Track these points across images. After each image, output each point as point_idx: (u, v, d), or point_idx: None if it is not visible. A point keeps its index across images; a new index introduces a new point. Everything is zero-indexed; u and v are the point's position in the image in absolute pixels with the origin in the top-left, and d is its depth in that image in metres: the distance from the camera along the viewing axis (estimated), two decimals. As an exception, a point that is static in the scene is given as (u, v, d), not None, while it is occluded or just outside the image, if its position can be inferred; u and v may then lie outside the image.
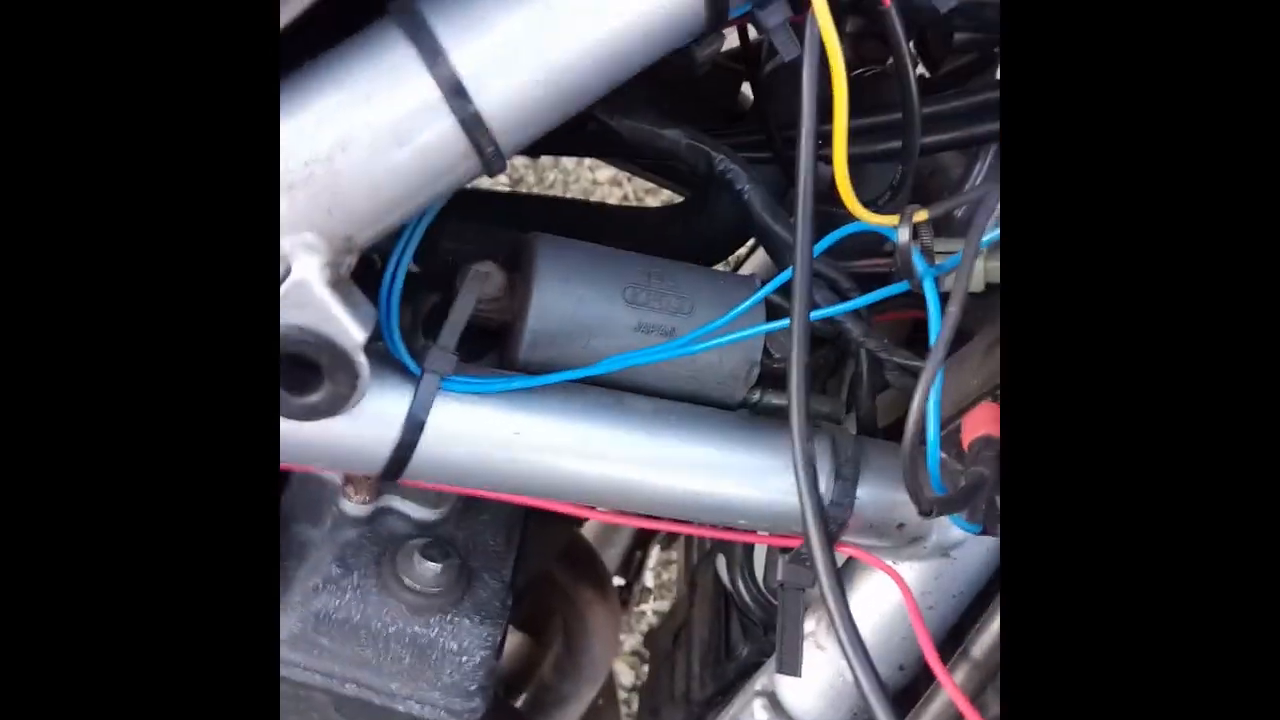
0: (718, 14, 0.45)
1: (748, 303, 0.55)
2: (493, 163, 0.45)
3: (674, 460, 0.54)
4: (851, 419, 0.61)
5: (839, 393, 0.63)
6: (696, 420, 0.55)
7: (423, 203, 0.47)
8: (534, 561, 0.74)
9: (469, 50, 0.44)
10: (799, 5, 0.46)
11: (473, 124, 0.43)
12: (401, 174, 0.44)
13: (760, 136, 0.69)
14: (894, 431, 0.56)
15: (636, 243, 0.62)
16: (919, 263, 0.46)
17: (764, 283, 0.57)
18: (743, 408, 0.58)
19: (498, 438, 0.51)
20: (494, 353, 0.56)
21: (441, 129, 0.44)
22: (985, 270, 0.59)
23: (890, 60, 0.73)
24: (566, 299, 0.54)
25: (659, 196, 1.66)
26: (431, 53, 0.43)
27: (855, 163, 0.67)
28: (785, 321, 0.56)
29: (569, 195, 1.93)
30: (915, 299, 0.66)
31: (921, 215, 0.46)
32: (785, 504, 0.56)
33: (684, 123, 0.59)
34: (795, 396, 0.46)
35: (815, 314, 0.53)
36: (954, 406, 0.49)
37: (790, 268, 0.57)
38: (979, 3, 0.61)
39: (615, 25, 0.44)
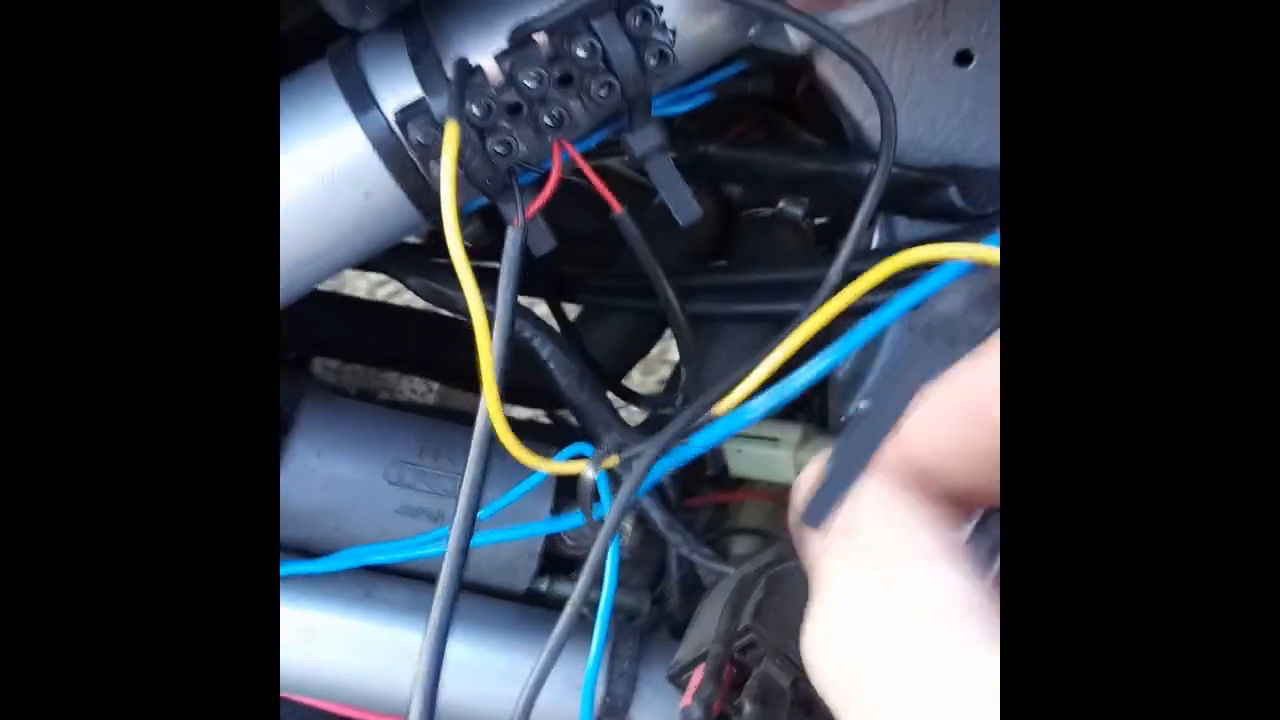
0: (430, 211, 0.40)
1: (526, 484, 0.50)
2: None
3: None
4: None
5: (646, 579, 0.57)
6: (460, 617, 0.50)
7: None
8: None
9: None
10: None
11: None
12: None
13: (622, 281, 0.64)
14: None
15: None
16: (603, 502, 0.40)
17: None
18: (529, 597, 0.53)
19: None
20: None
21: None
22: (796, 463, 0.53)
23: (781, 203, 0.67)
24: (317, 477, 0.49)
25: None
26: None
27: (714, 320, 0.63)
28: (570, 520, 0.51)
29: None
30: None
31: (611, 461, 0.40)
32: (556, 712, 0.51)
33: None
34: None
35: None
36: (693, 651, 0.43)
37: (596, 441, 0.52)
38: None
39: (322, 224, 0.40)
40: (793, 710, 0.41)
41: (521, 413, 0.82)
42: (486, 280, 0.53)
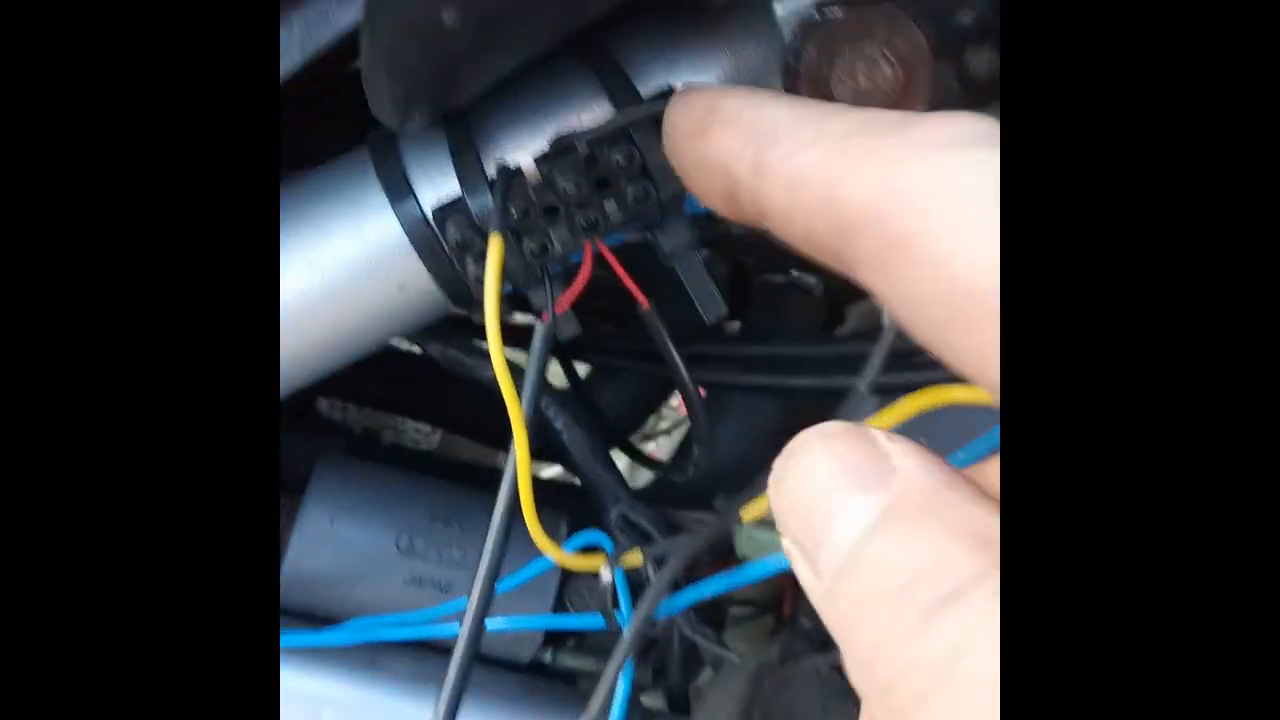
0: (462, 301, 0.41)
1: (538, 565, 0.50)
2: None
3: (426, 731, 0.50)
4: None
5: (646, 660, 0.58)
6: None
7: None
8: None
9: None
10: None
11: None
12: None
13: (635, 344, 0.65)
14: None
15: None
16: (622, 608, 0.41)
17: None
18: (533, 667, 0.54)
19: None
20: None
21: None
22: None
23: (794, 272, 0.68)
24: (328, 543, 0.50)
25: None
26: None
27: (725, 389, 0.63)
28: (585, 620, 0.51)
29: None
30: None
31: (634, 559, 0.41)
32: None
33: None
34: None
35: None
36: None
37: (608, 523, 0.53)
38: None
39: (353, 310, 0.41)
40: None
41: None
42: (507, 337, 0.54)
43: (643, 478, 0.70)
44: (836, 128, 0.22)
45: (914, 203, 0.19)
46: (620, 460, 0.62)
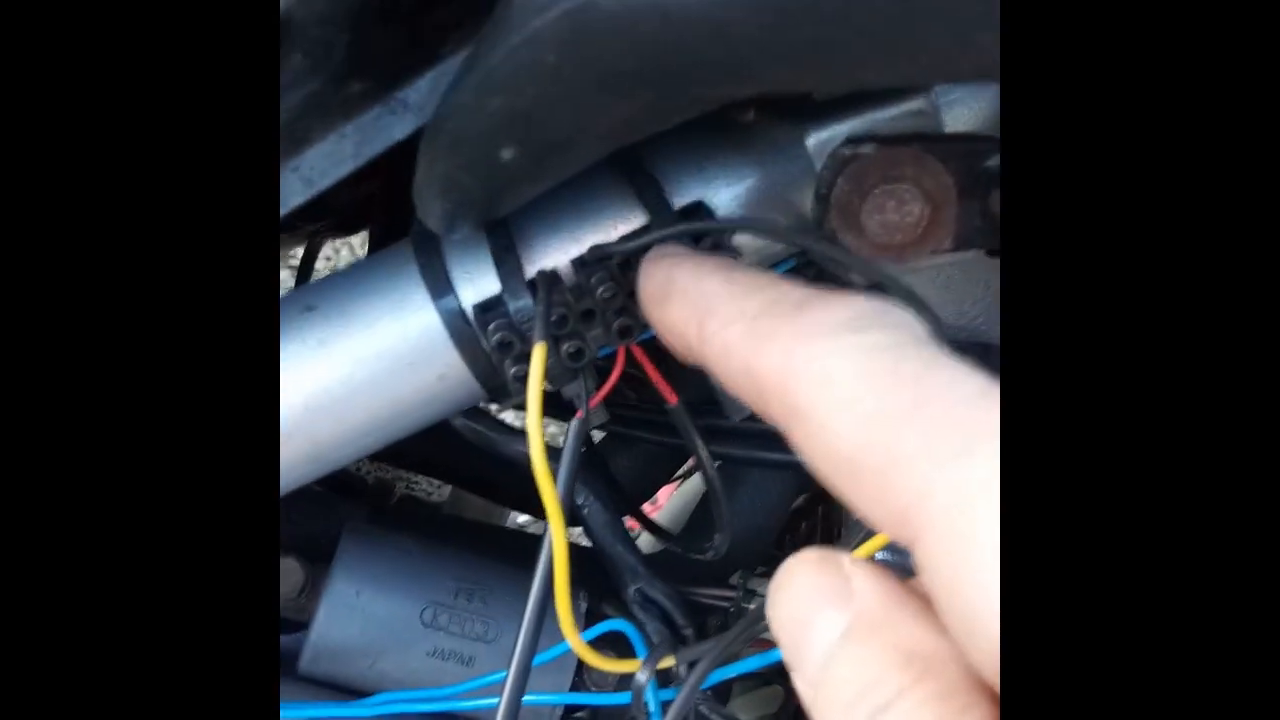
0: (497, 393, 0.43)
1: (563, 646, 0.52)
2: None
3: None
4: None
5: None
6: (480, 760, 0.52)
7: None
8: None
9: None
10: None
11: None
12: None
13: (651, 414, 0.66)
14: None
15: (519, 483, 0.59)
16: (651, 709, 0.42)
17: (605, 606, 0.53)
18: (550, 738, 0.55)
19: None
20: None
21: None
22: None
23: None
24: (355, 615, 0.51)
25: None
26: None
27: (739, 463, 0.65)
28: (607, 698, 0.53)
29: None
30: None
31: (668, 662, 0.42)
32: None
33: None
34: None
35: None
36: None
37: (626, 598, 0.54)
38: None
39: (392, 399, 0.42)
40: None
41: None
42: (511, 430, 0.55)
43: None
44: (752, 307, 0.26)
45: (801, 383, 0.23)
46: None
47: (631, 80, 0.28)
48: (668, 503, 0.99)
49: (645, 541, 0.69)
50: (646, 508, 0.72)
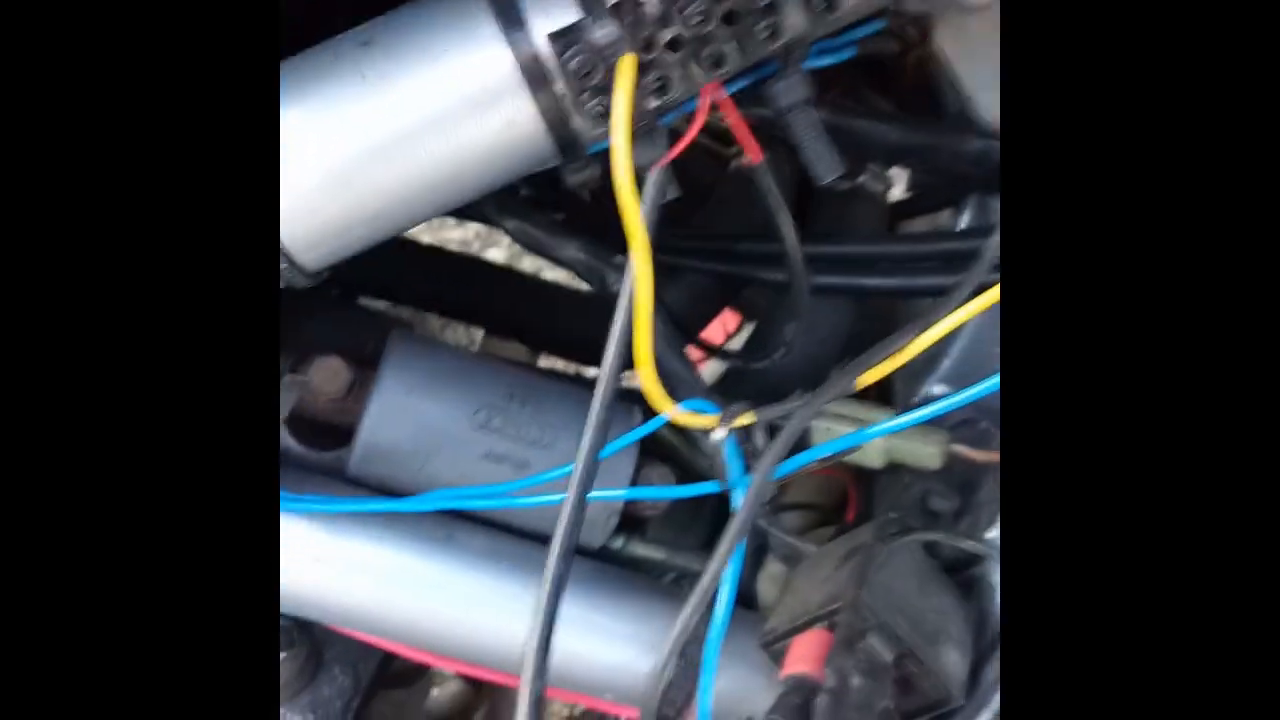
0: (566, 146, 0.39)
1: (619, 442, 0.49)
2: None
3: (499, 607, 0.49)
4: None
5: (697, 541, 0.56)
6: (533, 567, 0.50)
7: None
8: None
9: None
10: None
11: None
12: None
13: (699, 242, 0.63)
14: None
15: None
16: (732, 467, 0.40)
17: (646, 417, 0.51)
18: (603, 554, 0.53)
19: (294, 559, 0.47)
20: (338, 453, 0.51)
21: None
22: (886, 449, 0.52)
23: (862, 177, 0.66)
24: (405, 414, 0.48)
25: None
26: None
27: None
28: (656, 491, 0.50)
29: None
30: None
31: (746, 419, 0.39)
32: (627, 671, 0.50)
33: (588, 235, 0.53)
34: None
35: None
36: (790, 620, 0.42)
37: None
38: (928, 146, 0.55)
39: (453, 147, 0.39)
40: (894, 687, 0.41)
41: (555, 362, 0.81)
42: (565, 230, 0.52)
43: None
44: None
45: None
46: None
47: None
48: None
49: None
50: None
